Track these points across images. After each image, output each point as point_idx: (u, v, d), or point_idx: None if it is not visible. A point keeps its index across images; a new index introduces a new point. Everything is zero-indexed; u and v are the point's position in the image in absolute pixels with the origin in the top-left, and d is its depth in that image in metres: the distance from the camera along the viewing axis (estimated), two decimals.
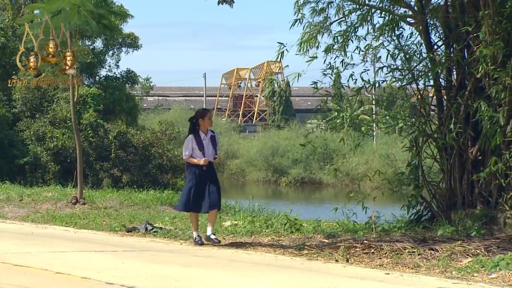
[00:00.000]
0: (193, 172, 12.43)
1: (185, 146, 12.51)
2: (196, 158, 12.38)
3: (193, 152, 12.41)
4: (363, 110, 24.61)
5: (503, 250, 10.67)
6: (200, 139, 12.45)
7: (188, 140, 12.50)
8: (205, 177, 12.38)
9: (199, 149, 12.37)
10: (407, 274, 9.67)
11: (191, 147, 12.42)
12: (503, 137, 12.58)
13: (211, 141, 12.51)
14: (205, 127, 12.54)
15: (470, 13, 13.29)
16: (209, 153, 12.44)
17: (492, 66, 12.53)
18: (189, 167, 12.54)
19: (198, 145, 12.40)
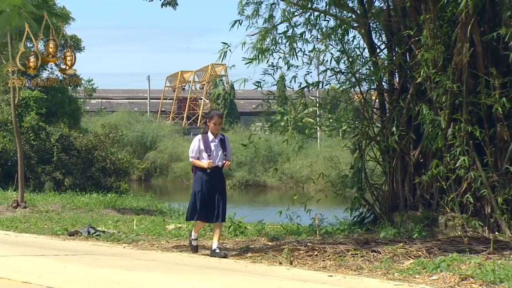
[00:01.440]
0: (199, 177, 11.64)
1: (191, 147, 11.75)
2: (202, 160, 11.62)
3: (200, 155, 11.64)
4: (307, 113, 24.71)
5: (444, 252, 10.81)
6: (208, 141, 11.63)
7: (195, 140, 11.78)
8: (212, 183, 11.57)
9: (206, 151, 11.59)
10: (350, 276, 9.74)
11: (198, 148, 11.64)
12: (444, 140, 12.75)
13: (220, 144, 11.65)
14: (214, 130, 11.69)
15: (412, 17, 13.45)
16: (216, 157, 11.59)
17: (433, 70, 12.70)
18: (196, 171, 11.76)
19: (205, 146, 11.60)
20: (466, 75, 12.59)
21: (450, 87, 12.58)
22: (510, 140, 12.54)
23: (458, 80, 12.65)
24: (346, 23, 14.65)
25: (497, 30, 12.21)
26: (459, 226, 12.62)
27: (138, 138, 54.55)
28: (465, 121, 12.60)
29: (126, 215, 18.73)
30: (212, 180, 11.58)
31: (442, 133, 12.75)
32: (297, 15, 14.50)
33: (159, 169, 52.89)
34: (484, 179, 12.41)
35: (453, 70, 12.65)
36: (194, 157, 11.67)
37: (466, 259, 10.07)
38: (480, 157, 12.62)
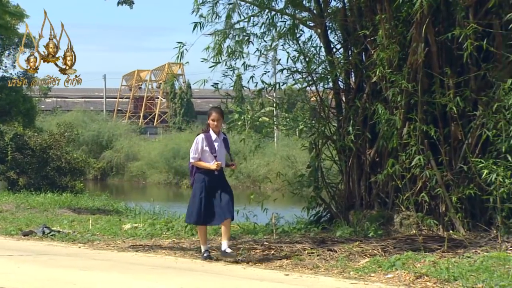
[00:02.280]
0: (201, 179, 10.89)
1: (193, 147, 10.92)
2: (205, 162, 10.91)
3: (202, 155, 10.91)
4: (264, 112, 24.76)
5: (399, 250, 10.92)
6: (211, 140, 10.94)
7: (198, 140, 10.97)
8: (216, 184, 10.90)
9: (211, 152, 10.87)
10: (306, 275, 9.79)
11: (201, 149, 10.90)
12: (399, 139, 12.86)
13: (223, 144, 11.03)
14: (214, 128, 11.02)
15: (368, 17, 13.56)
16: (221, 158, 10.93)
17: (389, 69, 12.80)
18: (196, 173, 10.97)
19: (209, 146, 10.89)
20: (421, 74, 12.71)
21: (405, 87, 12.69)
22: (464, 139, 12.69)
23: (413, 80, 12.77)
24: (302, 22, 14.72)
25: (451, 31, 12.34)
26: (414, 225, 12.73)
27: (94, 137, 54.17)
28: (420, 120, 12.73)
29: (82, 215, 18.62)
30: (216, 182, 10.92)
31: (397, 132, 12.87)
32: (254, 15, 14.51)
33: (115, 169, 52.58)
34: (438, 178, 12.55)
35: (408, 70, 12.76)
36: (196, 158, 10.89)
37: (421, 258, 10.17)
38: (435, 156, 12.76)
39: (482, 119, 12.40)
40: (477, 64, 12.63)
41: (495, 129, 12.05)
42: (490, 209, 12.29)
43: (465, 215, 12.56)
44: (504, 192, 11.68)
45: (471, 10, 12.53)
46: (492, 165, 11.82)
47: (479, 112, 12.47)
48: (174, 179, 47.71)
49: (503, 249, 10.80)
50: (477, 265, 9.52)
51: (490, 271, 9.14)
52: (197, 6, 14.24)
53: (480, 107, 12.49)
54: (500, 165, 11.80)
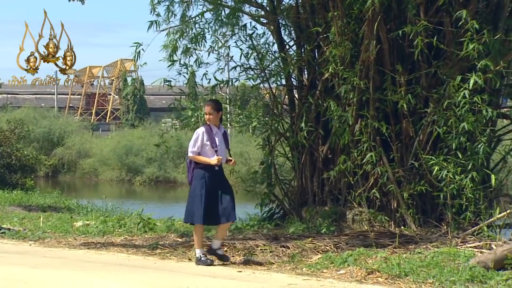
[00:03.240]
0: (201, 175, 10.21)
1: (193, 140, 10.26)
2: (205, 156, 10.28)
3: (202, 150, 10.25)
4: None
5: (351, 246, 11.00)
6: (212, 133, 10.29)
7: (198, 134, 10.29)
8: (217, 181, 10.25)
9: (212, 146, 10.23)
10: (259, 272, 9.82)
11: (201, 142, 10.23)
12: (351, 136, 12.97)
13: (223, 138, 10.44)
14: (211, 122, 10.36)
15: (320, 14, 13.64)
16: (221, 152, 10.31)
17: (341, 67, 12.89)
18: (195, 168, 10.30)
19: (211, 140, 10.24)
20: (373, 72, 12.83)
21: (358, 84, 12.80)
22: (415, 136, 12.84)
23: (365, 77, 12.88)
24: (255, 19, 14.77)
25: (402, 28, 12.47)
26: (366, 221, 12.86)
27: (45, 134, 53.56)
28: (372, 117, 12.84)
29: (33, 212, 18.42)
30: (216, 178, 10.26)
31: (349, 129, 12.97)
32: (208, 10, 14.52)
33: (67, 166, 52.08)
34: (390, 175, 12.68)
35: (360, 67, 12.87)
36: (195, 152, 10.23)
37: (373, 253, 10.27)
38: (387, 152, 12.88)
39: (433, 116, 12.55)
40: (428, 61, 12.78)
41: (446, 126, 12.21)
42: (441, 205, 12.46)
43: (416, 211, 12.70)
44: (454, 189, 11.86)
45: (422, 8, 12.68)
46: (443, 162, 11.99)
47: (430, 109, 12.62)
48: (127, 176, 47.44)
49: (453, 244, 10.94)
50: (428, 260, 9.64)
51: (440, 267, 9.26)
52: (153, 6, 14.28)
53: (431, 104, 12.64)
54: (451, 161, 11.97)
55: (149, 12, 14.38)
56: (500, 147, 13.89)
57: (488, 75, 12.01)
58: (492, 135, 13.15)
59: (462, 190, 11.92)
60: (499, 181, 13.20)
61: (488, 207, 12.06)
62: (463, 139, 12.00)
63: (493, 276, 8.72)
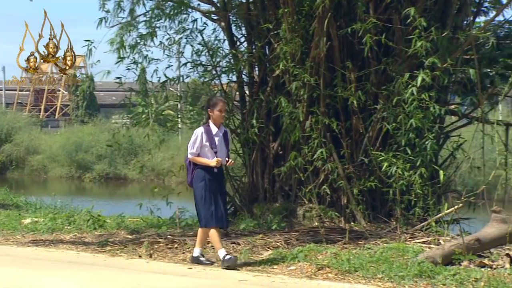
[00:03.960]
0: (201, 177, 9.88)
1: (191, 141, 9.93)
2: (204, 158, 9.92)
3: (201, 151, 9.90)
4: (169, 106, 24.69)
5: (302, 243, 11.08)
6: (211, 134, 9.92)
7: (197, 134, 9.92)
8: (216, 183, 9.93)
9: (211, 147, 9.88)
10: (210, 268, 9.83)
11: (200, 143, 9.89)
12: (302, 132, 13.03)
13: (224, 139, 10.04)
14: (217, 120, 9.99)
15: (271, 10, 13.68)
16: (222, 154, 9.93)
17: (292, 63, 12.94)
18: (195, 169, 9.95)
19: (210, 141, 9.89)
20: (323, 68, 12.91)
21: (308, 80, 12.86)
22: (365, 132, 12.95)
23: (315, 74, 12.95)
24: (206, 16, 14.76)
25: (352, 25, 12.57)
26: (317, 217, 12.94)
27: None
28: (322, 113, 12.92)
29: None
30: (215, 181, 9.94)
31: (300, 125, 13.03)
32: (158, 7, 14.46)
33: (15, 163, 51.40)
34: (340, 171, 12.77)
35: (310, 64, 12.93)
36: (195, 154, 9.89)
37: (323, 249, 10.35)
38: (337, 149, 12.98)
39: (382, 113, 12.68)
40: (378, 58, 12.91)
41: (395, 123, 12.34)
42: (390, 201, 12.59)
43: (366, 207, 12.82)
44: (403, 185, 12.00)
45: (371, 5, 12.80)
46: (392, 158, 12.12)
47: (379, 106, 12.74)
48: (76, 172, 47.00)
49: (402, 240, 11.09)
50: (377, 256, 9.75)
51: (389, 262, 9.38)
52: (102, 1, 14.23)
53: (381, 100, 12.77)
54: (400, 158, 12.10)
55: (99, 9, 14.29)
56: (449, 143, 14.08)
57: (436, 73, 12.17)
58: (440, 131, 13.34)
59: (411, 186, 12.06)
60: (447, 177, 13.37)
61: (437, 203, 12.24)
62: (412, 136, 12.14)
63: (441, 271, 8.85)
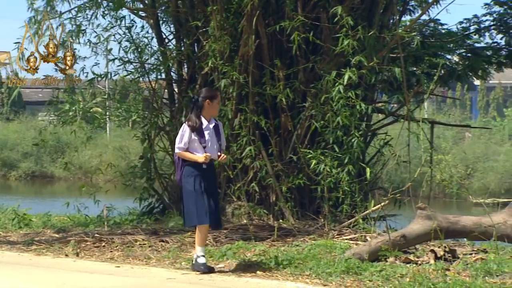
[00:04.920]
0: (190, 173, 9.27)
1: (179, 136, 9.35)
2: (193, 153, 9.32)
3: (190, 146, 9.30)
4: (96, 103, 24.47)
5: (230, 240, 11.10)
6: (201, 127, 9.32)
7: (184, 128, 9.36)
8: (206, 180, 9.28)
9: (200, 142, 9.27)
10: (138, 267, 9.79)
11: (189, 137, 9.28)
12: (231, 130, 13.06)
13: (214, 132, 9.43)
14: (210, 113, 9.41)
15: (200, 8, 13.65)
16: (212, 149, 9.31)
17: (221, 61, 12.95)
18: (184, 166, 9.34)
19: (199, 135, 9.28)
20: (252, 66, 12.95)
21: (237, 78, 12.89)
22: (293, 130, 13.03)
23: (244, 71, 12.99)
24: (134, 13, 14.67)
25: (280, 23, 12.64)
26: (246, 215, 12.97)
27: None
28: (251, 111, 12.97)
29: None
30: (207, 176, 9.32)
31: (229, 123, 13.05)
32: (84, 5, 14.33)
33: None
34: (269, 169, 12.83)
35: (239, 61, 12.96)
36: (182, 148, 9.29)
37: (252, 247, 10.41)
38: (266, 146, 13.04)
39: (310, 111, 12.78)
40: (306, 56, 13.00)
41: (323, 120, 12.45)
42: (318, 198, 12.70)
43: (295, 205, 12.90)
44: (331, 182, 12.13)
45: (299, 3, 12.88)
46: (320, 156, 12.24)
47: (307, 104, 12.84)
48: (1, 171, 46.21)
49: (329, 237, 11.20)
50: (305, 253, 9.84)
51: (317, 259, 9.46)
52: (31, 1, 14.06)
53: (309, 98, 12.87)
54: (328, 155, 12.22)
55: (28, 9, 14.18)
56: (376, 141, 14.27)
57: (363, 71, 12.33)
58: (367, 129, 13.51)
59: (339, 184, 12.20)
60: (374, 174, 13.56)
61: (364, 200, 12.39)
62: (339, 133, 12.28)
63: (368, 268, 8.96)
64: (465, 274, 8.53)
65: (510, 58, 16.05)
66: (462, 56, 16.35)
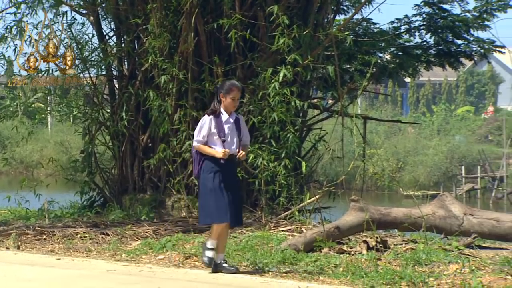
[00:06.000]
0: (209, 168, 8.39)
1: (198, 128, 8.50)
2: (212, 147, 8.46)
3: (209, 139, 8.47)
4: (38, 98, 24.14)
5: (170, 232, 11.06)
6: (221, 122, 8.47)
7: (205, 120, 8.47)
8: (226, 177, 8.40)
9: (219, 135, 8.43)
10: (78, 259, 9.68)
11: (208, 131, 8.42)
12: (171, 125, 13.01)
13: (235, 126, 8.56)
14: (228, 107, 8.48)
15: (139, 6, 13.56)
16: (231, 143, 8.46)
17: (160, 57, 12.91)
18: (203, 160, 8.46)
19: (218, 128, 8.45)
20: (191, 63, 12.92)
21: (176, 74, 12.85)
22: None
23: (183, 68, 12.96)
24: (75, 10, 14.50)
25: (218, 21, 12.63)
26: (185, 208, 12.95)
27: None
28: (191, 107, 12.94)
29: None
30: (227, 172, 8.44)
31: (169, 118, 13.01)
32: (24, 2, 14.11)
33: None
34: None
35: (179, 58, 12.93)
36: (201, 142, 8.44)
37: (191, 239, 10.36)
38: None
39: (248, 106, 12.79)
40: (244, 53, 13.02)
41: (260, 116, 12.49)
42: (256, 191, 12.72)
43: None
44: (268, 176, 12.16)
45: (237, 2, 12.88)
46: (258, 150, 12.27)
47: (245, 100, 12.85)
48: None
49: (266, 228, 11.23)
50: (243, 244, 9.84)
51: (254, 250, 9.47)
52: None
53: (247, 94, 12.87)
54: (265, 149, 12.26)
55: None
56: (311, 136, 14.36)
57: (298, 68, 12.39)
58: (303, 124, 13.58)
59: (276, 177, 12.24)
60: (309, 168, 13.64)
61: (299, 193, 12.46)
62: (276, 128, 12.32)
63: (303, 258, 9.00)
64: (395, 264, 8.62)
65: (438, 56, 16.31)
66: (393, 54, 16.55)
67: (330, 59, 13.68)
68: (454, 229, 9.75)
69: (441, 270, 8.16)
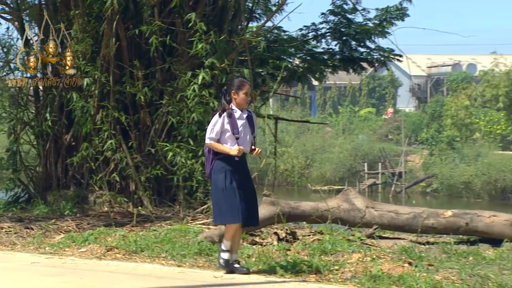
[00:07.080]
0: (221, 167, 7.69)
1: (211, 125, 7.76)
2: (225, 145, 7.76)
3: (222, 137, 7.73)
4: None
5: (93, 226, 10.91)
6: (234, 119, 7.75)
7: (216, 119, 7.74)
8: (239, 175, 7.72)
9: (233, 132, 7.70)
10: (3, 252, 9.45)
11: (221, 128, 7.70)
12: (93, 125, 12.85)
13: (248, 123, 7.86)
14: (240, 105, 7.80)
15: (63, 12, 13.35)
16: (244, 141, 7.77)
17: (83, 61, 12.74)
18: (216, 159, 7.74)
19: (232, 125, 7.72)
20: (113, 66, 12.79)
21: (99, 77, 12.69)
22: (151, 125, 12.96)
23: (106, 71, 12.81)
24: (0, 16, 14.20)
25: (139, 27, 12.55)
26: (107, 203, 12.79)
27: None
28: (112, 108, 12.80)
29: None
30: (239, 171, 7.75)
31: (91, 118, 12.85)
32: None
33: None
34: (129, 160, 12.70)
35: (101, 62, 12.79)
36: (214, 139, 7.70)
37: (112, 232, 10.23)
38: (126, 140, 12.89)
39: (167, 107, 12.73)
40: (163, 58, 12.96)
41: (179, 116, 12.45)
42: (174, 187, 12.68)
43: (153, 193, 12.84)
44: (186, 172, 12.13)
45: (156, 9, 12.81)
46: (176, 148, 12.22)
47: (164, 101, 12.78)
48: None
49: (184, 222, 11.17)
50: (162, 237, 9.76)
51: (172, 242, 9.40)
52: None
53: (166, 96, 12.81)
54: (183, 148, 12.22)
55: None
56: None
57: (215, 72, 12.38)
58: None
59: (193, 174, 12.22)
60: None
61: None
62: (194, 128, 12.31)
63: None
64: (304, 253, 8.68)
65: (343, 62, 16.53)
66: (302, 59, 16.70)
67: (244, 63, 13.70)
68: (357, 221, 9.88)
69: (345, 259, 8.24)
